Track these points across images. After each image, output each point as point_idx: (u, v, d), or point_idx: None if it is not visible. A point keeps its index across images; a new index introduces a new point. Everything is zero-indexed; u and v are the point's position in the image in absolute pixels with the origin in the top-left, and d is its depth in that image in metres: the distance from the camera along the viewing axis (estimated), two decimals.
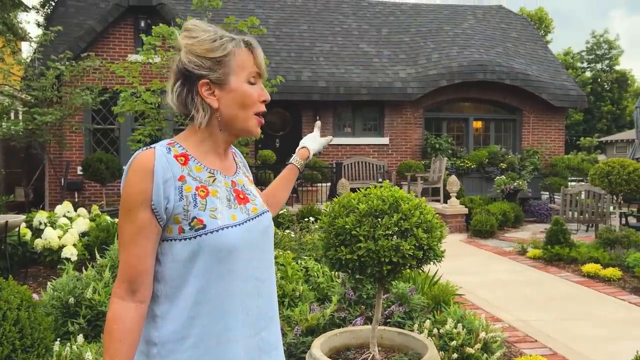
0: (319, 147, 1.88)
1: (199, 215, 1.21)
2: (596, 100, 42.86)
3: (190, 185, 1.23)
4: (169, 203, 1.20)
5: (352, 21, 14.36)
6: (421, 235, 2.27)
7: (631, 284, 5.99)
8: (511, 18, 16.09)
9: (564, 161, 13.22)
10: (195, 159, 1.28)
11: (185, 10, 12.88)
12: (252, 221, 1.32)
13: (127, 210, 1.19)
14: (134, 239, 1.19)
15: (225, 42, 1.27)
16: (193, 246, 1.20)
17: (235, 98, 1.28)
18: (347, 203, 2.39)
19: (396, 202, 2.32)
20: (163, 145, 1.26)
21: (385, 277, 2.31)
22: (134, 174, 1.20)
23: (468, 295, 5.48)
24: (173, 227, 1.21)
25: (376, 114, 12.77)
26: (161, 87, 5.94)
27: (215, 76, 1.26)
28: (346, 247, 2.30)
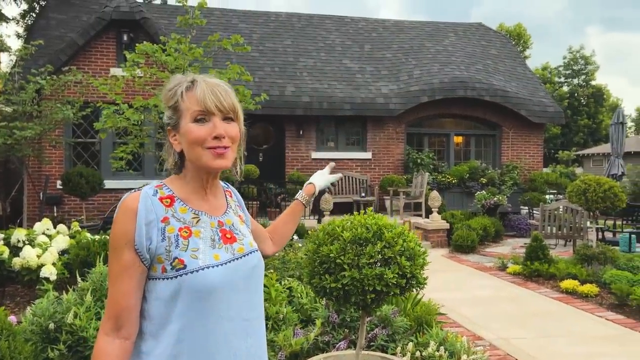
0: (325, 184, 1.97)
1: (180, 255, 1.26)
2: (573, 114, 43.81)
3: (173, 226, 1.28)
4: (152, 244, 1.25)
5: (336, 37, 14.50)
6: (404, 263, 2.31)
7: (608, 300, 6.11)
8: (491, 35, 16.43)
9: (543, 176, 13.48)
10: (181, 201, 1.33)
11: (169, 25, 12.90)
12: (238, 261, 1.34)
13: (114, 249, 1.26)
14: (119, 277, 1.25)
15: (177, 89, 1.34)
16: (174, 285, 1.25)
17: (186, 139, 1.32)
18: (331, 230, 2.43)
19: (380, 230, 2.36)
20: (151, 187, 1.32)
21: (369, 305, 2.34)
22: (119, 216, 1.27)
23: (450, 313, 5.53)
24: (157, 267, 1.26)
25: (359, 129, 12.88)
26: (144, 104, 5.93)
27: (172, 122, 1.35)
28: (330, 275, 2.32)
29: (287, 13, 15.30)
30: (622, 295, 5.90)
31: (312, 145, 12.47)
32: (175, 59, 6.00)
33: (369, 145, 12.78)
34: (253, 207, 10.50)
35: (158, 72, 6.31)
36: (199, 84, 1.33)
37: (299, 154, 12.43)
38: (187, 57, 6.25)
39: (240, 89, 6.70)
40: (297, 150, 12.42)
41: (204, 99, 1.30)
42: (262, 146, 12.53)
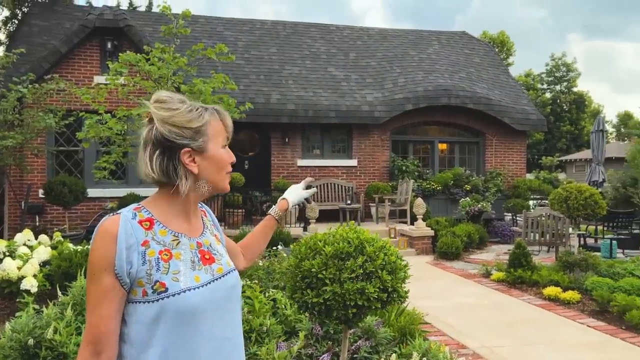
0: (299, 199, 1.99)
1: (162, 278, 1.26)
2: (556, 120, 44.45)
3: (153, 249, 1.28)
4: (132, 268, 1.24)
5: (321, 45, 14.57)
6: (385, 277, 2.32)
7: (589, 307, 6.19)
8: (474, 44, 16.62)
9: (526, 183, 13.64)
10: (160, 223, 1.32)
11: (154, 32, 12.85)
12: (217, 281, 1.35)
13: (93, 274, 1.24)
14: (98, 301, 1.23)
15: (202, 112, 1.35)
16: (156, 309, 1.24)
17: (214, 163, 1.36)
18: (313, 245, 2.43)
19: (361, 244, 2.38)
20: (130, 210, 1.31)
21: (351, 319, 2.35)
22: (99, 239, 1.25)
23: (434, 321, 5.56)
24: (137, 290, 1.25)
25: (344, 136, 12.93)
26: (127, 114, 5.90)
27: (196, 145, 1.33)
28: (312, 290, 2.33)
29: (272, 21, 15.34)
30: (603, 302, 5.99)
31: (297, 153, 12.48)
32: (159, 68, 5.98)
33: (355, 153, 12.83)
34: (238, 215, 10.47)
35: (141, 81, 6.28)
36: (222, 112, 1.41)
37: (284, 161, 12.43)
38: (171, 66, 6.23)
39: (225, 98, 6.69)
40: (282, 157, 12.42)
41: (230, 128, 1.42)
42: (247, 154, 12.51)
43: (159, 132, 1.31)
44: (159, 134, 1.31)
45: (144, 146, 1.33)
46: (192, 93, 6.13)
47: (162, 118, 1.31)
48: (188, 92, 6.14)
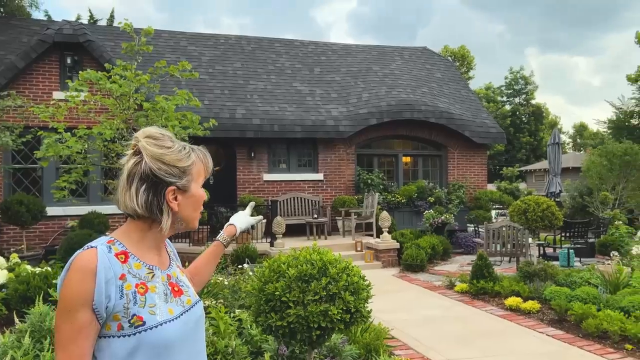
0: (247, 226, 1.99)
1: (139, 312, 1.25)
2: (516, 131, 45.82)
3: (130, 283, 1.27)
4: (110, 302, 1.22)
5: (285, 60, 14.66)
6: (348, 298, 2.36)
7: (548, 316, 6.39)
8: (435, 59, 17.04)
9: (487, 194, 13.99)
10: (134, 256, 1.32)
11: (116, 47, 12.67)
12: (187, 313, 1.37)
13: (67, 311, 1.20)
14: (73, 339, 1.20)
15: (190, 152, 1.39)
16: (132, 343, 1.23)
17: (193, 202, 1.40)
18: (277, 268, 2.46)
19: (325, 266, 2.42)
20: (103, 243, 1.29)
21: (315, 341, 2.37)
22: (75, 275, 1.21)
23: (400, 335, 5.63)
24: (112, 325, 1.23)
25: (310, 151, 13.00)
26: (88, 133, 5.79)
27: (181, 183, 1.35)
28: (276, 313, 2.35)
29: (236, 36, 15.36)
30: (561, 311, 6.19)
31: (263, 168, 12.48)
32: (121, 86, 5.90)
33: (321, 167, 12.91)
34: (204, 232, 10.35)
35: (102, 98, 6.19)
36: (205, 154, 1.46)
37: (250, 176, 12.40)
38: (133, 84, 6.16)
39: (189, 115, 6.65)
40: (248, 172, 12.39)
41: (210, 169, 1.46)
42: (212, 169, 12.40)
43: (147, 167, 1.31)
44: (148, 169, 1.31)
45: (129, 179, 1.32)
46: (155, 110, 6.08)
47: (153, 154, 1.32)
48: (150, 109, 6.08)
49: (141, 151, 1.32)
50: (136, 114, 6.31)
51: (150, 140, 1.34)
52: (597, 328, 5.54)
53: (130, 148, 1.35)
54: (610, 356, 5.04)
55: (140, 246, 1.35)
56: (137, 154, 1.33)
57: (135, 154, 1.34)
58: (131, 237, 1.34)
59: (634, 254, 7.04)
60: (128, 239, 1.34)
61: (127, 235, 1.35)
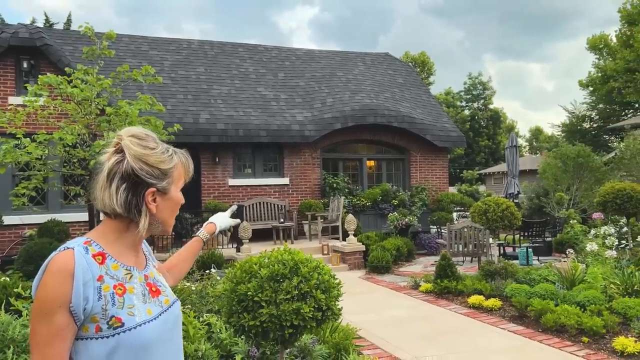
0: (226, 225, 2.04)
1: (117, 313, 1.24)
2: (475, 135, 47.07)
3: (108, 284, 1.26)
4: (88, 304, 1.21)
5: (249, 65, 14.64)
6: (320, 296, 2.41)
7: (510, 313, 6.60)
8: (397, 65, 17.35)
9: (449, 197, 14.34)
10: (112, 257, 1.31)
11: (74, 51, 12.38)
12: (166, 313, 1.38)
13: (44, 314, 1.19)
14: (50, 341, 1.18)
15: (173, 155, 1.39)
16: (111, 345, 1.23)
17: (171, 205, 1.39)
18: (248, 268, 2.49)
19: (296, 266, 2.46)
20: (80, 244, 1.27)
21: (288, 340, 2.41)
22: (52, 277, 1.20)
23: (367, 335, 5.72)
24: (89, 327, 1.22)
25: (276, 155, 13.02)
26: (48, 138, 5.65)
27: (161, 185, 1.34)
28: (249, 313, 2.38)
29: (199, 40, 15.23)
30: (521, 308, 6.41)
31: (229, 173, 12.41)
32: (83, 90, 5.79)
33: (286, 171, 12.94)
34: (168, 238, 10.20)
35: (63, 103, 6.05)
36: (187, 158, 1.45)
37: (215, 181, 12.30)
38: (94, 89, 6.05)
39: (152, 120, 6.57)
40: (213, 177, 12.29)
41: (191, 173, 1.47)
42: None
43: (129, 167, 1.30)
44: (130, 168, 1.30)
45: (109, 176, 1.31)
46: (118, 115, 5.98)
47: (136, 154, 1.31)
48: (113, 114, 5.98)
49: (124, 150, 1.31)
50: (98, 119, 6.19)
51: (135, 140, 1.33)
52: (555, 322, 5.76)
53: (112, 146, 1.34)
54: (568, 349, 5.27)
55: (117, 247, 1.33)
56: (119, 152, 1.32)
57: (117, 152, 1.32)
58: (108, 238, 1.33)
59: (588, 250, 7.37)
60: (105, 239, 1.32)
61: (103, 236, 1.33)
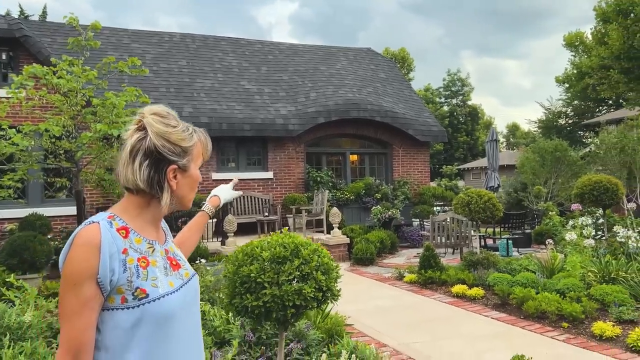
0: (230, 198, 2.11)
1: (142, 285, 1.30)
2: (454, 131, 47.63)
3: (132, 257, 1.31)
4: (114, 275, 1.26)
5: (232, 59, 14.60)
6: (320, 277, 2.49)
7: (492, 301, 6.78)
8: (379, 60, 17.49)
9: (430, 190, 14.55)
10: (134, 232, 1.36)
11: (52, 43, 12.19)
12: (186, 285, 1.43)
13: (72, 285, 1.24)
14: (78, 311, 1.23)
15: (193, 134, 1.44)
16: (136, 315, 1.28)
17: (190, 182, 1.44)
18: (250, 251, 2.55)
19: (297, 248, 2.53)
20: (104, 219, 1.32)
21: (289, 319, 2.48)
22: (79, 250, 1.25)
23: (355, 323, 5.81)
24: (115, 298, 1.28)
25: (259, 149, 13.03)
26: (35, 129, 5.58)
27: (182, 163, 1.39)
28: (252, 294, 2.44)
29: (181, 34, 15.13)
30: (503, 296, 6.59)
31: (212, 167, 12.38)
32: (68, 81, 5.74)
33: (270, 165, 12.97)
34: None
35: (48, 95, 5.98)
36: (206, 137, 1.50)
37: None
38: (80, 80, 6.00)
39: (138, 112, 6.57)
40: None
41: (210, 152, 1.52)
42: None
43: (152, 144, 1.34)
44: (152, 145, 1.34)
45: (131, 153, 1.35)
46: (105, 107, 5.95)
47: (158, 131, 1.35)
48: (100, 105, 5.95)
49: (146, 127, 1.35)
50: (84, 110, 6.15)
51: (157, 118, 1.37)
52: (536, 309, 5.95)
53: (134, 123, 1.38)
54: (549, 334, 5.45)
55: (139, 221, 1.38)
56: (141, 130, 1.36)
57: (139, 130, 1.36)
58: (130, 213, 1.37)
59: (568, 240, 7.59)
60: (127, 214, 1.37)
61: (126, 211, 1.38)
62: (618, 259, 7.12)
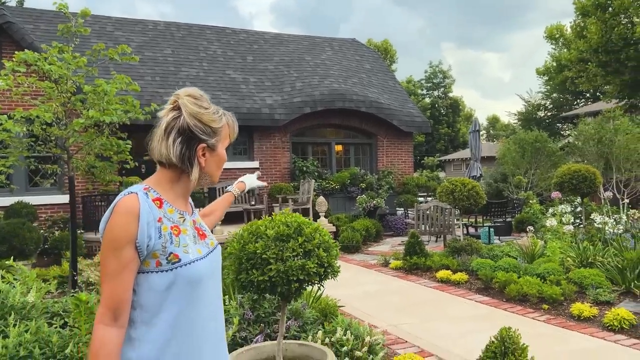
0: (254, 186, 2.32)
1: (175, 250, 1.43)
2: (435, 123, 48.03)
3: (166, 225, 1.45)
4: (150, 241, 1.40)
5: (217, 48, 14.57)
6: (322, 254, 2.63)
7: (476, 285, 7.01)
8: (364, 51, 17.60)
9: (414, 180, 14.79)
10: (167, 203, 1.50)
11: (35, 29, 12.04)
12: (212, 253, 1.58)
13: (114, 249, 1.37)
14: (119, 273, 1.37)
15: (222, 116, 1.57)
16: (170, 278, 1.42)
17: (217, 161, 1.57)
18: (255, 230, 2.67)
19: (299, 227, 2.66)
20: (141, 190, 1.45)
21: (293, 293, 2.62)
22: (120, 217, 1.38)
23: (345, 307, 5.97)
24: (150, 262, 1.41)
25: (245, 139, 13.08)
26: (27, 115, 5.58)
27: (211, 142, 1.52)
28: (257, 269, 2.56)
29: (165, 22, 15.03)
30: (487, 280, 6.82)
31: None
32: (60, 68, 5.73)
33: (256, 155, 13.04)
34: None
35: (37, 81, 5.96)
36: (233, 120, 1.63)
37: None
38: (70, 66, 5.99)
39: (129, 99, 6.56)
40: None
41: (236, 134, 1.64)
42: (143, 157, 12.15)
43: (185, 123, 1.47)
44: (186, 124, 1.47)
45: (166, 130, 1.48)
46: (96, 94, 5.96)
47: (192, 112, 1.48)
48: (92, 92, 5.96)
49: (181, 107, 1.48)
50: (74, 97, 6.15)
51: (191, 99, 1.50)
52: (518, 292, 6.18)
53: (169, 103, 1.51)
54: (530, 315, 5.69)
55: (171, 194, 1.52)
56: (176, 109, 1.49)
57: (174, 109, 1.50)
58: (163, 186, 1.51)
59: (548, 226, 7.86)
60: (160, 187, 1.51)
61: (159, 184, 1.51)
62: (595, 244, 7.42)
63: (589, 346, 4.69)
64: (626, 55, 17.57)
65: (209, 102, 1.55)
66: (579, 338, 4.90)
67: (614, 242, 7.13)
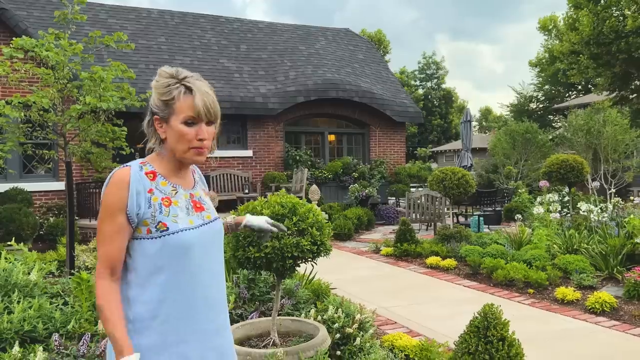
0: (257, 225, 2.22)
1: (163, 220, 1.58)
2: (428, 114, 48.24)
3: (157, 196, 1.60)
4: (140, 210, 1.56)
5: (211, 36, 14.59)
6: (315, 233, 2.76)
7: (464, 271, 7.20)
8: (357, 41, 17.67)
9: (406, 170, 14.97)
10: (161, 176, 1.65)
11: (28, 16, 12.02)
12: (206, 226, 1.70)
13: (108, 214, 1.54)
14: (113, 236, 1.54)
15: (172, 89, 1.57)
16: (159, 244, 1.57)
17: (174, 135, 1.60)
18: (251, 210, 2.80)
19: (294, 207, 2.79)
20: (136, 164, 1.62)
21: (288, 270, 2.76)
22: (114, 186, 1.55)
23: (337, 291, 6.12)
24: (142, 229, 1.57)
25: (239, 128, 13.17)
26: (24, 101, 5.65)
27: (162, 115, 1.62)
28: (254, 247, 2.70)
29: (159, 10, 15.02)
30: (475, 266, 7.01)
31: None
32: (57, 54, 5.80)
33: (250, 144, 13.13)
34: None
35: (34, 67, 6.03)
36: (196, 93, 1.57)
37: None
38: (67, 53, 6.06)
39: (125, 87, 6.65)
40: None
41: (199, 109, 1.56)
42: (137, 145, 12.22)
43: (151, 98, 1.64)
44: (151, 99, 1.64)
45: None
46: (93, 80, 6.04)
47: (152, 87, 1.63)
48: (88, 79, 6.03)
49: None
50: (70, 84, 6.22)
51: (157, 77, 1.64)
52: (505, 277, 6.37)
53: None
54: (516, 299, 5.88)
55: (166, 168, 1.66)
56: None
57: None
58: (158, 161, 1.67)
59: (535, 213, 8.05)
60: (156, 162, 1.66)
61: (155, 160, 1.67)
62: (581, 232, 7.62)
63: (571, 327, 4.88)
64: (617, 47, 17.77)
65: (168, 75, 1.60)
66: (562, 320, 5.10)
67: (599, 229, 7.33)
